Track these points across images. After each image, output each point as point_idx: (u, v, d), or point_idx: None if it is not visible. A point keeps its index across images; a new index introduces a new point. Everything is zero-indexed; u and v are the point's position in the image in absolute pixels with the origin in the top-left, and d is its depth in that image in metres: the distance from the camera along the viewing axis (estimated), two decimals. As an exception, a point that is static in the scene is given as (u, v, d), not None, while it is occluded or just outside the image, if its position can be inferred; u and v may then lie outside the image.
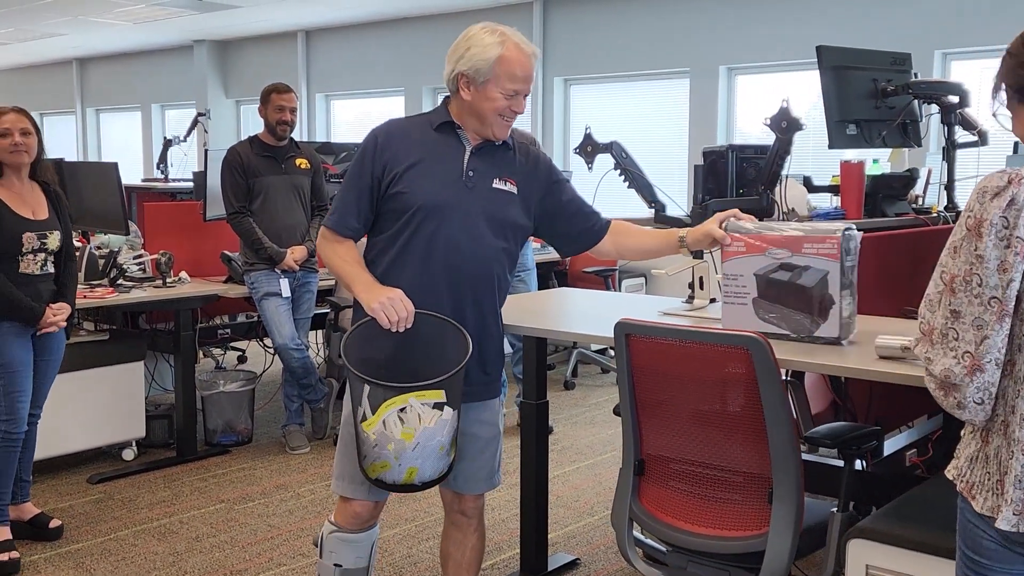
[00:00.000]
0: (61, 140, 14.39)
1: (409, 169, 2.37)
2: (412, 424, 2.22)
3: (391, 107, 9.94)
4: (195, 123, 9.45)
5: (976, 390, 1.61)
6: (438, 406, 2.24)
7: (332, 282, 4.96)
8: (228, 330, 5.28)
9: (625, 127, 8.10)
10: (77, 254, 4.78)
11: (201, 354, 5.74)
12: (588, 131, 3.29)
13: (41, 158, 3.51)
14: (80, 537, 3.70)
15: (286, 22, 10.32)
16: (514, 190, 2.47)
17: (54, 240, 3.48)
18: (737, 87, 7.67)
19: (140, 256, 4.81)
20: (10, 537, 3.46)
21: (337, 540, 2.48)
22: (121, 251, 4.74)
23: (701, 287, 3.09)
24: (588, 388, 6.24)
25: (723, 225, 2.49)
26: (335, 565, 2.48)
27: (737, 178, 3.20)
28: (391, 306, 2.29)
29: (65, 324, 3.54)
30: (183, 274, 4.76)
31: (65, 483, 4.29)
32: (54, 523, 3.69)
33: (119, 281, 4.53)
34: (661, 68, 8.02)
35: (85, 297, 4.24)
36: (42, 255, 3.46)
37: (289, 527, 3.83)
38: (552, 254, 6.21)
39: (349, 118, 10.90)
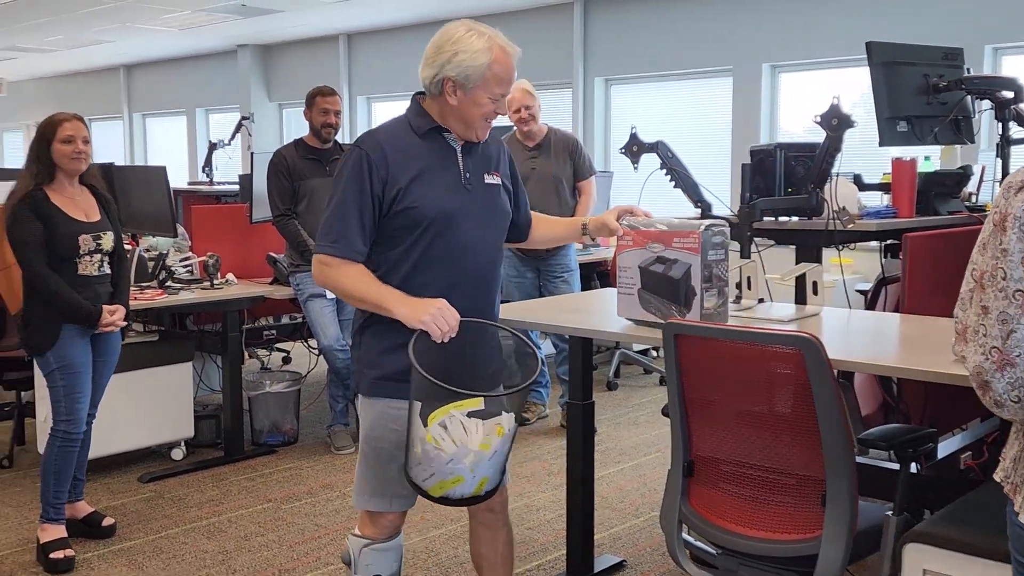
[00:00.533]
0: (109, 145, 14.63)
1: (412, 182, 2.32)
2: (457, 435, 2.20)
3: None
4: (239, 127, 9.56)
5: (1009, 386, 1.58)
6: (474, 414, 2.22)
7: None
8: (273, 331, 5.33)
9: (666, 127, 8.06)
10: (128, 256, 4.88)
11: (247, 355, 5.81)
12: (634, 131, 3.27)
13: (89, 163, 3.59)
14: (132, 535, 3.75)
15: (328, 26, 10.41)
16: (499, 181, 2.49)
17: (108, 241, 3.57)
18: (780, 85, 7.59)
19: (188, 258, 4.87)
20: (65, 535, 3.52)
21: (372, 553, 2.45)
22: (169, 253, 4.81)
23: (748, 287, 3.06)
24: (631, 389, 6.21)
25: (620, 218, 2.61)
26: None
27: (786, 177, 3.16)
28: (441, 317, 2.25)
29: (122, 325, 3.61)
30: (230, 276, 4.81)
31: (117, 482, 4.35)
32: (107, 521, 3.75)
33: (168, 283, 4.58)
34: (703, 67, 7.96)
35: (136, 299, 4.30)
36: (98, 256, 3.54)
37: (336, 526, 3.86)
38: (594, 255, 6.19)
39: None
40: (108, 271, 3.59)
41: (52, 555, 3.45)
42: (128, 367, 4.36)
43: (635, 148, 3.24)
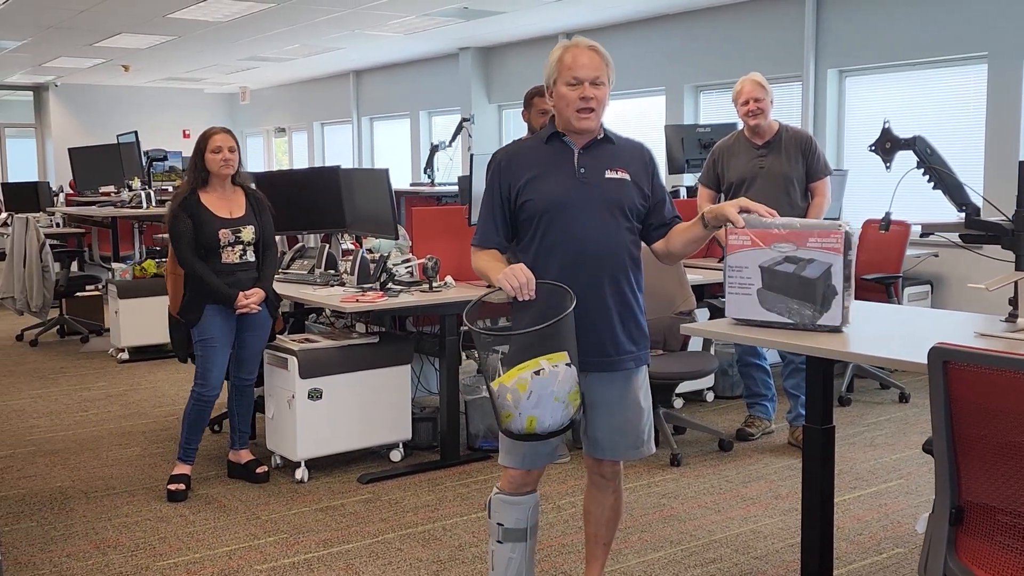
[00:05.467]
0: (338, 147, 15.35)
1: (530, 181, 2.73)
2: (526, 376, 2.46)
3: (651, 106, 9.73)
4: (459, 128, 9.71)
5: None
6: (567, 366, 2.51)
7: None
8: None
9: (907, 121, 7.41)
10: (350, 258, 4.98)
11: (463, 357, 5.80)
12: (887, 125, 2.93)
13: (240, 169, 4.24)
14: (350, 538, 3.78)
15: (547, 26, 10.38)
16: (627, 177, 2.77)
17: (248, 233, 4.20)
18: (1046, 71, 6.78)
19: (408, 260, 4.89)
20: (188, 473, 4.27)
21: (499, 501, 2.83)
22: (390, 255, 4.85)
23: (1026, 304, 2.65)
24: (866, 405, 5.74)
25: (740, 213, 2.70)
26: (498, 524, 2.82)
27: (1075, 176, 2.71)
28: (511, 274, 2.56)
29: (258, 308, 4.20)
30: (448, 278, 4.79)
31: (337, 481, 4.42)
32: (260, 469, 4.38)
33: (388, 285, 4.62)
34: (952, 54, 7.25)
35: (358, 300, 4.36)
36: (239, 247, 4.19)
37: (551, 541, 3.73)
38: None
39: (608, 119, 10.78)
40: (252, 259, 4.23)
41: (170, 486, 4.18)
42: (350, 368, 4.43)
43: (888, 145, 2.90)
